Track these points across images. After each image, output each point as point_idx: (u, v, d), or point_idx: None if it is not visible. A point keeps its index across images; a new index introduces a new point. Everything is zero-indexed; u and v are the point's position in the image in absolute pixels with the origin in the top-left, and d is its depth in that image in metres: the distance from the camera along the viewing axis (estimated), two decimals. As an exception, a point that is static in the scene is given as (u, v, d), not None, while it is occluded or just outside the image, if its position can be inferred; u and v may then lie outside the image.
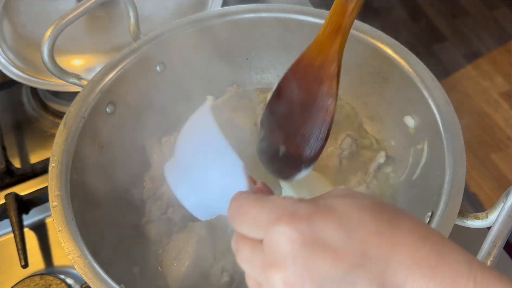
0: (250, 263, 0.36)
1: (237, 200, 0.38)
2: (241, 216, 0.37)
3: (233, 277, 0.61)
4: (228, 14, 0.74)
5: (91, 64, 0.86)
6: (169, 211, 0.67)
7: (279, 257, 0.33)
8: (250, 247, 0.36)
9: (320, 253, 0.32)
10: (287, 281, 0.32)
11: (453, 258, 0.32)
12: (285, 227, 0.33)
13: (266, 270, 0.34)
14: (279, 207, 0.35)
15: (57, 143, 0.61)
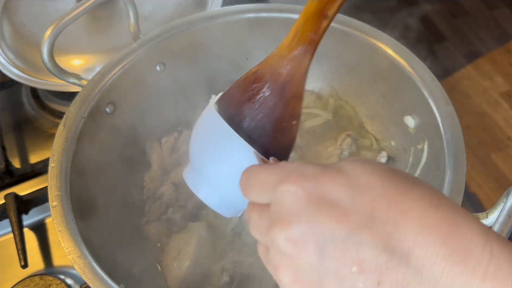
0: (258, 228, 0.36)
1: (247, 171, 0.38)
2: (251, 184, 0.37)
3: (233, 277, 0.61)
4: (228, 14, 0.74)
5: (91, 64, 0.86)
6: (169, 211, 0.67)
7: (284, 214, 0.32)
8: (258, 212, 0.36)
9: (325, 211, 0.31)
10: (290, 238, 0.32)
11: (467, 227, 0.30)
12: (290, 185, 0.33)
13: (270, 229, 0.33)
14: (286, 169, 0.34)
15: (57, 143, 0.61)
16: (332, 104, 0.76)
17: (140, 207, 0.69)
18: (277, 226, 0.33)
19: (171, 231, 0.66)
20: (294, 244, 0.32)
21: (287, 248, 0.32)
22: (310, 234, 0.31)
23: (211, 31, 0.74)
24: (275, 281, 0.59)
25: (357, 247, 0.30)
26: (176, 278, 0.62)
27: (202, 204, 0.69)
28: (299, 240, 0.31)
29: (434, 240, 0.30)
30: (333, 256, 0.31)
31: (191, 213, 0.67)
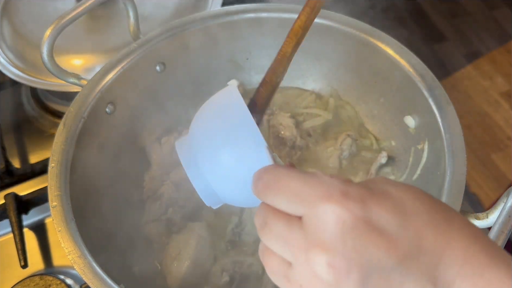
0: (283, 240, 0.32)
1: (272, 172, 0.34)
2: (279, 189, 0.33)
3: (233, 277, 0.61)
4: (228, 14, 0.74)
5: (90, 64, 0.86)
6: (169, 211, 0.67)
7: (327, 237, 0.30)
8: (285, 223, 0.32)
9: (373, 238, 0.29)
10: (333, 264, 0.29)
11: (502, 259, 0.30)
12: (335, 205, 0.30)
13: (307, 250, 0.30)
14: (327, 184, 0.31)
15: (56, 143, 0.61)
16: (332, 104, 0.76)
17: (140, 207, 0.69)
18: (318, 249, 0.30)
19: (171, 231, 0.66)
20: (336, 271, 0.29)
21: (326, 274, 0.30)
22: (355, 262, 0.29)
23: (211, 31, 0.74)
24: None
25: (402, 278, 0.29)
26: (176, 278, 0.62)
27: (202, 204, 0.68)
28: (343, 268, 0.29)
29: (475, 272, 0.30)
30: (377, 286, 0.30)
31: (191, 213, 0.67)
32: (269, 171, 0.35)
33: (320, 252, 0.30)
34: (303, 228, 0.31)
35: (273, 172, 0.34)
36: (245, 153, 0.40)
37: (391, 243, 0.29)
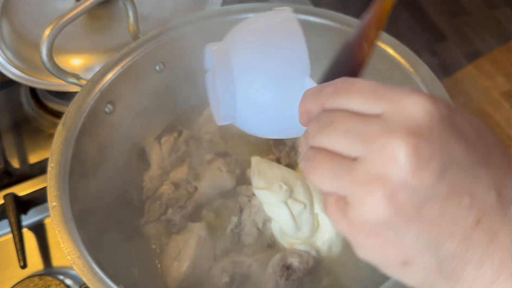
0: (354, 133, 0.31)
1: (342, 79, 0.34)
2: (355, 90, 0.32)
3: (233, 278, 0.61)
4: (228, 14, 0.74)
5: (90, 64, 0.86)
6: (169, 212, 0.66)
7: (413, 123, 0.30)
8: (359, 118, 0.31)
9: (456, 136, 0.30)
10: (417, 149, 0.29)
11: None
12: (424, 99, 0.30)
13: (389, 134, 0.30)
14: (406, 89, 0.31)
15: (56, 143, 0.61)
16: (333, 104, 0.76)
17: (140, 207, 0.69)
18: (402, 132, 0.29)
19: (170, 231, 0.66)
20: (418, 157, 0.29)
21: (407, 158, 0.29)
22: (438, 152, 0.29)
23: (211, 31, 0.73)
24: (274, 282, 0.59)
25: (474, 180, 0.30)
26: (176, 278, 0.62)
27: (202, 204, 0.69)
28: (425, 155, 0.29)
29: None
30: (451, 181, 0.30)
31: (190, 213, 0.67)
32: (338, 80, 0.34)
33: (405, 135, 0.29)
34: (382, 119, 0.30)
35: (343, 79, 0.34)
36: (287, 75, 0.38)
37: (470, 145, 0.31)
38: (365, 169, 0.30)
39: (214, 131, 0.75)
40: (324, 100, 0.34)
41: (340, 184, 0.31)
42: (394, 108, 0.30)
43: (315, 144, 0.33)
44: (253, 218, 0.65)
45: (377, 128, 0.30)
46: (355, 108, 0.32)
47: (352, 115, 0.32)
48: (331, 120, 0.32)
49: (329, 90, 0.34)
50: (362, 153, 0.31)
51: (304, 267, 0.60)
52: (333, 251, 0.63)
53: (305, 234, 0.63)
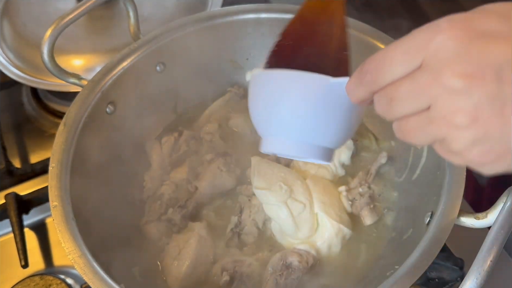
0: (414, 93, 0.35)
1: (369, 61, 0.37)
2: (390, 60, 0.36)
3: (233, 277, 0.61)
4: (228, 14, 0.74)
5: (91, 64, 0.86)
6: (169, 211, 0.67)
7: (450, 58, 0.33)
8: (407, 81, 0.35)
9: (492, 41, 0.32)
10: (466, 74, 0.32)
11: None
12: (444, 33, 0.33)
13: (438, 79, 0.33)
14: (431, 27, 0.34)
15: (57, 143, 0.61)
16: (332, 104, 0.76)
17: (140, 207, 0.69)
18: (445, 70, 0.33)
19: (171, 231, 0.66)
20: (471, 78, 0.32)
21: (464, 85, 0.32)
22: (485, 63, 0.31)
23: (211, 31, 0.74)
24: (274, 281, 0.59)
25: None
26: (176, 277, 0.62)
27: (202, 204, 0.69)
28: (476, 73, 0.32)
29: None
30: (510, 77, 0.32)
31: (191, 213, 0.67)
32: (366, 65, 0.37)
33: (450, 72, 0.32)
34: (425, 69, 0.34)
35: (370, 61, 0.37)
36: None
37: (507, 39, 0.32)
38: (441, 111, 0.34)
39: (214, 131, 0.75)
40: (370, 88, 0.38)
41: (432, 134, 0.35)
42: (428, 55, 0.33)
43: (393, 118, 0.37)
44: (253, 218, 0.66)
45: (427, 78, 0.34)
46: (399, 76, 0.35)
47: (400, 83, 0.35)
48: (390, 98, 0.36)
49: (368, 78, 0.37)
50: (430, 102, 0.34)
51: (304, 266, 0.60)
52: (333, 250, 0.63)
53: (304, 234, 0.63)
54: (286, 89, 0.45)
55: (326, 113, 0.44)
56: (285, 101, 0.45)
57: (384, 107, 0.37)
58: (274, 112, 0.45)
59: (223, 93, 0.79)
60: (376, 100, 0.38)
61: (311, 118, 0.44)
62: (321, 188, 0.66)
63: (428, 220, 0.54)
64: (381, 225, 0.66)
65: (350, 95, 0.40)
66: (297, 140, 0.46)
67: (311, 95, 0.44)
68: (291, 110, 0.45)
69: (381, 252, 0.63)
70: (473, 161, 0.35)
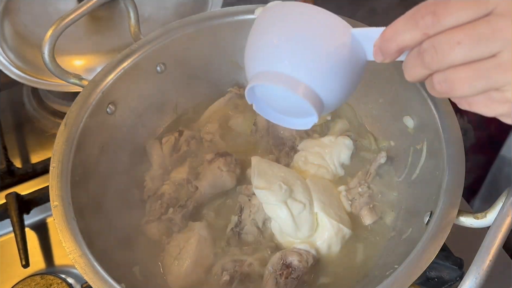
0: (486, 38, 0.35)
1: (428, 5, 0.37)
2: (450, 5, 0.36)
3: (233, 276, 0.61)
4: (228, 15, 0.74)
5: (91, 65, 0.87)
6: (170, 211, 0.67)
7: None
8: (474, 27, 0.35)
9: None
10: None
11: None
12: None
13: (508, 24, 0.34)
14: None
15: (57, 143, 0.62)
16: (332, 104, 0.76)
17: (141, 207, 0.70)
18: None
19: (171, 230, 0.67)
20: None
21: None
22: None
23: (211, 32, 0.74)
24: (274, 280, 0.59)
25: None
26: (177, 277, 0.62)
27: (203, 203, 0.69)
28: None
29: None
30: None
31: (191, 212, 0.68)
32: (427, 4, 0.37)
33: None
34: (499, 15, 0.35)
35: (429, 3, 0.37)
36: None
37: None
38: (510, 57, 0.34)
39: (214, 131, 0.75)
40: (427, 29, 0.37)
41: (492, 81, 0.36)
42: (498, 6, 0.34)
43: (445, 66, 0.37)
44: (253, 217, 0.66)
45: (504, 22, 0.34)
46: (464, 21, 0.35)
47: (471, 26, 0.35)
48: (456, 41, 0.36)
49: (428, 19, 0.36)
50: (502, 47, 0.35)
51: (303, 266, 0.60)
52: (332, 250, 0.63)
53: (304, 234, 0.63)
54: (300, 20, 0.43)
55: (332, 58, 0.43)
56: (294, 30, 0.43)
57: (441, 49, 0.36)
58: (277, 38, 0.43)
59: (223, 93, 0.79)
60: (430, 45, 0.37)
61: (317, 56, 0.42)
62: (320, 188, 0.66)
63: (427, 219, 0.54)
64: (381, 225, 0.66)
65: (393, 39, 0.39)
66: (295, 76, 0.43)
67: (326, 35, 0.42)
68: (296, 41, 0.42)
69: (380, 252, 0.63)
70: None
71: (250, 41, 0.47)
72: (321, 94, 0.44)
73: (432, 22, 0.36)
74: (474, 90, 0.37)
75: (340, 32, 0.43)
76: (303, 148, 0.73)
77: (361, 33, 0.43)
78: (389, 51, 0.40)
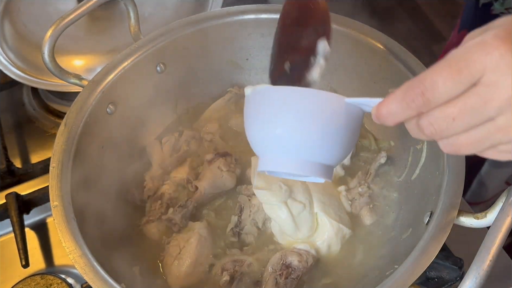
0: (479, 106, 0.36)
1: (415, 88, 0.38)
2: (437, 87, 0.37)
3: (233, 276, 0.61)
4: (228, 15, 0.74)
5: (91, 65, 0.87)
6: (170, 211, 0.67)
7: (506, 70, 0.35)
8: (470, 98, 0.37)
9: None
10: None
11: None
12: (500, 48, 0.35)
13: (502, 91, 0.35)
14: (479, 44, 0.36)
15: (58, 143, 0.62)
16: (332, 104, 0.76)
17: (141, 207, 0.70)
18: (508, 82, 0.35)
19: (171, 230, 0.67)
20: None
21: None
22: None
23: (211, 32, 0.74)
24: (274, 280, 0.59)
25: None
26: (177, 277, 0.62)
27: (203, 203, 0.69)
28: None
29: None
30: None
31: (191, 212, 0.68)
32: (415, 86, 0.39)
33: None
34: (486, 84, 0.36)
35: (416, 83, 0.39)
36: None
37: None
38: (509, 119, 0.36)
39: (214, 131, 0.75)
40: (419, 110, 0.38)
41: (496, 141, 0.38)
42: (487, 70, 0.35)
43: (447, 137, 0.39)
44: (253, 217, 0.66)
45: (492, 91, 0.36)
46: (453, 96, 0.37)
47: (462, 99, 0.37)
48: (451, 117, 0.37)
49: (419, 101, 0.38)
50: (496, 113, 0.36)
51: (303, 266, 0.60)
52: (332, 250, 0.63)
53: (304, 234, 0.63)
54: (297, 106, 0.44)
55: (334, 131, 0.44)
56: (295, 118, 0.44)
57: (439, 126, 0.38)
58: (280, 128, 0.45)
59: (223, 93, 0.79)
60: (427, 123, 0.39)
61: (319, 136, 0.44)
62: (320, 188, 0.66)
63: (427, 219, 0.54)
64: (381, 225, 0.66)
65: (389, 117, 0.41)
66: (301, 158, 0.45)
67: (324, 113, 0.44)
68: (299, 127, 0.44)
69: (380, 252, 0.63)
70: None
71: (251, 123, 0.48)
72: (329, 163, 0.47)
73: (423, 103, 0.38)
74: (480, 149, 0.39)
75: (335, 106, 0.44)
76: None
77: (355, 102, 0.44)
78: (387, 124, 0.41)
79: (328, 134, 0.44)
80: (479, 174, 1.04)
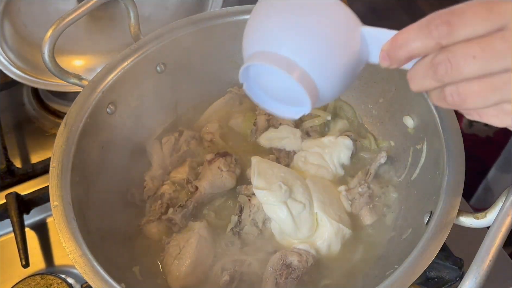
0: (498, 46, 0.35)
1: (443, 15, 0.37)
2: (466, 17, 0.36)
3: (233, 276, 0.61)
4: (228, 15, 0.74)
5: (91, 65, 0.87)
6: (170, 211, 0.67)
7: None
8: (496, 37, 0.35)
9: None
10: None
11: None
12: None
13: None
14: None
15: (58, 143, 0.62)
16: (332, 104, 0.76)
17: (141, 207, 0.70)
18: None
19: (171, 230, 0.67)
20: None
21: None
22: None
23: (211, 32, 0.74)
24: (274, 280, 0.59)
25: None
26: (177, 277, 0.62)
27: (203, 203, 0.69)
28: None
29: None
30: None
31: (191, 212, 0.68)
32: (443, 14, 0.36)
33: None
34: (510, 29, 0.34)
35: (443, 13, 0.36)
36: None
37: None
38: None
39: (214, 131, 0.75)
40: (440, 39, 0.36)
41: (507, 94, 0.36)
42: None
43: (459, 79, 0.37)
44: (253, 217, 0.66)
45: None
46: (477, 34, 0.35)
47: (484, 41, 0.35)
48: (472, 55, 0.35)
49: (443, 29, 0.36)
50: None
51: (303, 266, 0.60)
52: (332, 250, 0.63)
53: (304, 234, 0.64)
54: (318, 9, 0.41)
55: (339, 52, 0.42)
56: (311, 19, 0.41)
57: (456, 61, 0.36)
58: (287, 24, 0.41)
59: (223, 93, 0.79)
60: (444, 57, 0.37)
61: (323, 47, 0.41)
62: (320, 188, 0.66)
63: (427, 219, 0.54)
64: (381, 225, 0.66)
65: (403, 47, 0.38)
66: (296, 60, 0.42)
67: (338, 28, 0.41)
68: (311, 29, 0.41)
69: (380, 252, 0.63)
70: None
71: (251, 21, 0.45)
72: (318, 82, 0.43)
73: (447, 32, 0.36)
74: (487, 103, 0.37)
75: (350, 26, 0.42)
76: (303, 148, 0.73)
77: (370, 32, 0.42)
78: (398, 57, 0.39)
79: (330, 48, 0.42)
80: (485, 179, 1.03)
